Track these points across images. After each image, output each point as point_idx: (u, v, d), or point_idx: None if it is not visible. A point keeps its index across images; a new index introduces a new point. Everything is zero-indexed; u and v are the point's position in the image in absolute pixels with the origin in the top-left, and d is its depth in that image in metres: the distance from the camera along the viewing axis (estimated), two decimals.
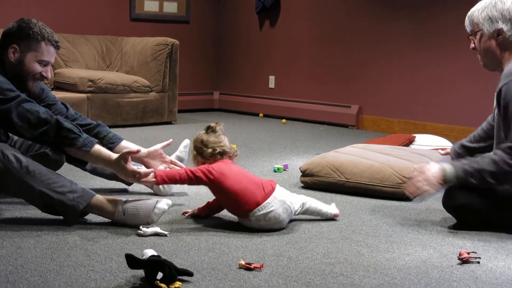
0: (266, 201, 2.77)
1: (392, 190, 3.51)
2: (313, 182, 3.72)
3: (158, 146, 3.24)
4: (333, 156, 3.79)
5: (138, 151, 2.85)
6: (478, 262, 2.47)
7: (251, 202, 2.77)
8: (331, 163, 3.68)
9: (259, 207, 2.76)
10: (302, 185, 3.79)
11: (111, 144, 3.22)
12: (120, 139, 3.27)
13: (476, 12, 2.96)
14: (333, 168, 3.65)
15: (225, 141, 2.96)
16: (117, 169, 2.81)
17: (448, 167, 2.83)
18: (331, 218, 3.04)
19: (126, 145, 3.25)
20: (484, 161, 2.78)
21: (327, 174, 3.65)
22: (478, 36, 2.96)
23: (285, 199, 2.83)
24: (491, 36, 2.92)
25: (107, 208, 2.82)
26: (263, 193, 2.79)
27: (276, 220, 2.80)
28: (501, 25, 2.90)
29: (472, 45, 3.03)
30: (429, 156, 3.84)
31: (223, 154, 2.91)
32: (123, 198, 2.86)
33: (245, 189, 2.79)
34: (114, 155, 2.80)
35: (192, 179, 2.81)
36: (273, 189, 2.83)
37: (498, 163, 2.73)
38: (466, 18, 3.03)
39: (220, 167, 2.84)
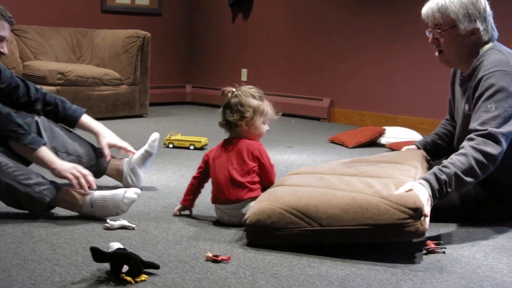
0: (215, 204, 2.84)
1: (396, 228, 2.37)
2: (272, 238, 2.50)
3: (118, 144, 3.34)
4: (289, 194, 2.58)
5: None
6: (444, 252, 2.49)
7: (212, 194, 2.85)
8: (292, 206, 2.48)
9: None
10: (247, 242, 2.57)
11: (73, 120, 3.30)
12: (80, 115, 3.30)
13: (451, 6, 2.84)
14: (297, 214, 2.46)
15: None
16: (57, 173, 2.83)
17: (421, 187, 2.49)
18: None
19: (86, 120, 3.31)
20: (458, 160, 2.61)
21: (290, 224, 2.46)
22: (448, 32, 2.87)
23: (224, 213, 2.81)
24: (465, 34, 2.86)
25: (75, 201, 2.79)
26: (214, 196, 2.82)
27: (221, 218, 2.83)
28: (478, 24, 2.85)
29: (434, 40, 2.92)
30: (393, 160, 3.06)
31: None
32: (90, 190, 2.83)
33: (213, 183, 2.84)
34: (58, 163, 2.81)
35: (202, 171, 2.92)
36: (228, 200, 2.76)
37: (469, 156, 2.60)
38: (434, 10, 2.88)
39: (213, 153, 2.88)
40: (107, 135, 3.32)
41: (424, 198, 2.42)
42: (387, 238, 2.42)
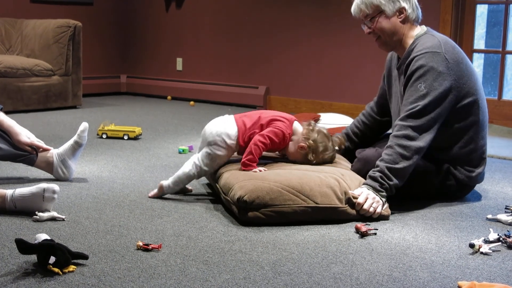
0: None
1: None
2: (273, 214, 2.62)
3: (35, 142, 3.27)
4: (272, 174, 2.78)
5: None
6: (375, 234, 2.53)
7: None
8: (287, 185, 2.66)
9: None
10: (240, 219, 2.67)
11: None
12: None
13: None
14: (293, 191, 2.64)
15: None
16: None
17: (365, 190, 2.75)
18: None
19: (2, 118, 3.23)
20: (385, 154, 2.82)
21: (288, 201, 2.62)
22: (378, 18, 3.01)
23: None
24: (393, 15, 3.01)
25: None
26: None
27: None
28: (403, 3, 3.01)
29: (368, 30, 3.06)
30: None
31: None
32: (10, 189, 2.75)
33: None
34: None
35: None
36: None
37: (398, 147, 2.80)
38: (359, 4, 3.03)
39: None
40: (21, 133, 3.25)
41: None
42: (367, 217, 2.71)
